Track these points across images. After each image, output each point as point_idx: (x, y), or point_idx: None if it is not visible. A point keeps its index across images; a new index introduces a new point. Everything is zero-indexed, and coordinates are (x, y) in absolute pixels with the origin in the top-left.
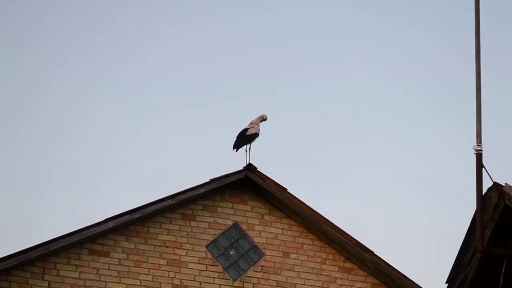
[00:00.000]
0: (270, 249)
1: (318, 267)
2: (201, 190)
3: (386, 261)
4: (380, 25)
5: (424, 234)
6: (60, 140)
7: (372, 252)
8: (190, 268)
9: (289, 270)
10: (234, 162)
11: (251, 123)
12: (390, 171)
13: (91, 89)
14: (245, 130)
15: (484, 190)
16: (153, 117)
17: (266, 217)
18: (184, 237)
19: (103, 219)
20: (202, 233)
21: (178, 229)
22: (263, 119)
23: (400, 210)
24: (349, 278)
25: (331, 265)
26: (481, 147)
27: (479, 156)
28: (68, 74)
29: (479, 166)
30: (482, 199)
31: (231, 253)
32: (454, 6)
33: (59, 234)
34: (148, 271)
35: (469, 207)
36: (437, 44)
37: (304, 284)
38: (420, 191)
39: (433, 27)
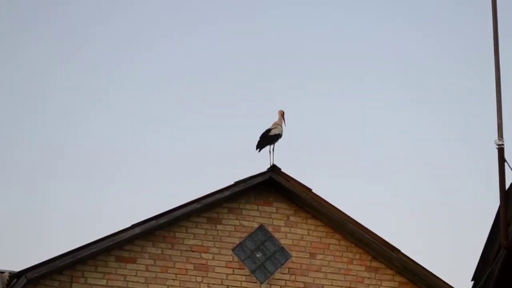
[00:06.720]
0: (297, 251)
1: (345, 267)
2: (226, 193)
3: (413, 259)
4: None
5: (449, 230)
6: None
7: (399, 251)
8: (217, 272)
9: (316, 271)
10: (258, 164)
11: (274, 124)
12: (412, 169)
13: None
14: (268, 130)
15: (507, 185)
16: (176, 121)
17: (292, 218)
18: (211, 241)
19: (129, 225)
20: (228, 236)
21: (204, 233)
22: (282, 115)
23: (424, 208)
24: (376, 277)
25: (358, 264)
26: (503, 141)
27: (501, 150)
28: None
29: (501, 160)
30: (505, 194)
31: (257, 255)
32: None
33: (86, 242)
34: (175, 276)
35: (494, 202)
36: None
37: (332, 284)
38: (444, 188)
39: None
